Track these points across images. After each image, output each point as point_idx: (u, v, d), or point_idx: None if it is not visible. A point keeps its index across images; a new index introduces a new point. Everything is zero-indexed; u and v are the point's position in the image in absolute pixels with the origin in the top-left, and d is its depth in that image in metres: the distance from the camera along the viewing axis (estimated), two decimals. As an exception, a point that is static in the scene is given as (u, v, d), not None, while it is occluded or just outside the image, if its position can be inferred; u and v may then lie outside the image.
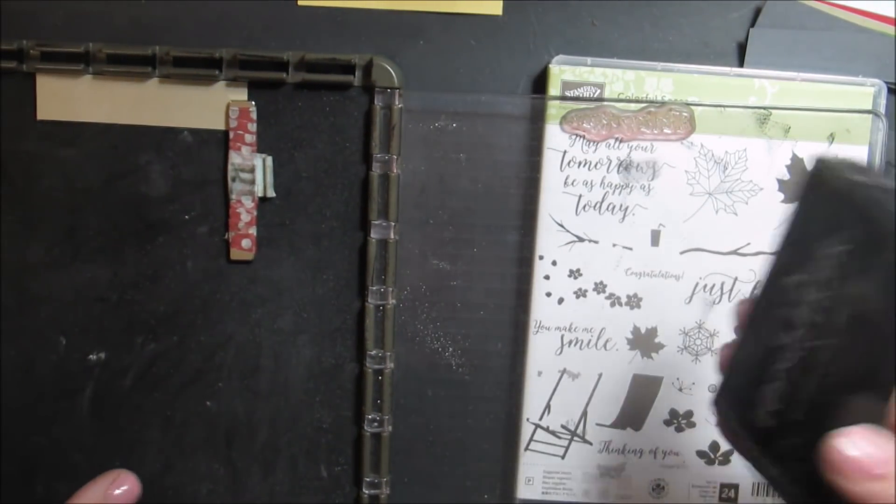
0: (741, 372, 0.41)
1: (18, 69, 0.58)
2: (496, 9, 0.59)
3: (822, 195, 0.37)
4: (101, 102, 0.59)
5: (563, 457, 0.63)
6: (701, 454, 0.63)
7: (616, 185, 0.60)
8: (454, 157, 0.60)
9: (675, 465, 0.63)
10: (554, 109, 0.59)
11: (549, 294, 0.61)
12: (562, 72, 0.58)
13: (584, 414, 0.63)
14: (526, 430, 0.63)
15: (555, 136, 0.59)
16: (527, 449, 0.63)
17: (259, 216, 0.60)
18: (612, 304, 0.61)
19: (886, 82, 0.58)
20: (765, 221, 0.60)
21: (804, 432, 0.37)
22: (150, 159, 0.60)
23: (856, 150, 0.59)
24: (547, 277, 0.61)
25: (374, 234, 0.60)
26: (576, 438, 0.63)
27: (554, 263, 0.61)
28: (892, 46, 0.58)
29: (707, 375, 0.62)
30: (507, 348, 0.62)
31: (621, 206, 0.60)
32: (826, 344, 0.36)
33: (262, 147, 0.60)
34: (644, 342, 0.62)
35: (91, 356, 0.61)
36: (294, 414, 0.63)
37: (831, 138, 0.59)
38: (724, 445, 0.63)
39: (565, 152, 0.59)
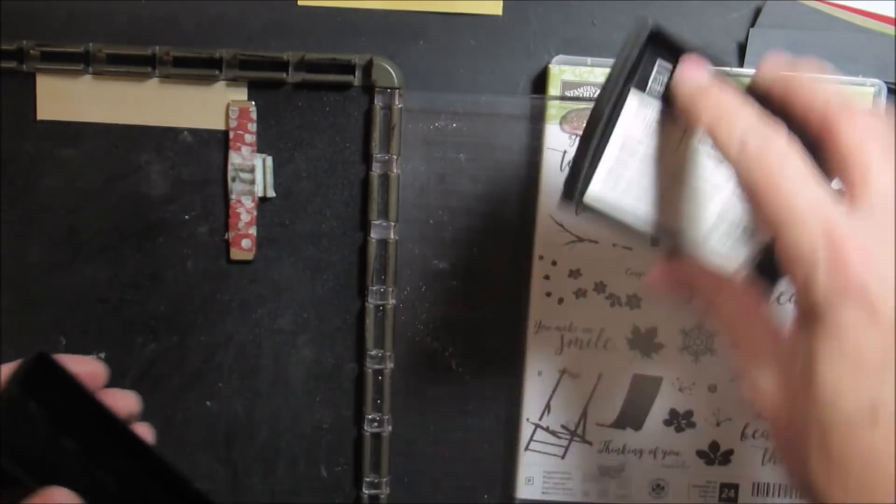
0: None
1: (18, 69, 0.58)
2: (496, 9, 0.59)
3: None
4: (101, 102, 0.59)
5: (562, 457, 0.63)
6: (701, 454, 0.63)
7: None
8: (454, 157, 0.60)
9: (675, 465, 0.63)
10: (554, 109, 0.59)
11: (549, 294, 0.61)
12: (562, 72, 0.58)
13: (584, 414, 0.63)
14: (526, 430, 0.63)
15: (555, 136, 0.59)
16: (527, 449, 0.63)
17: (259, 216, 0.60)
18: (612, 304, 0.61)
19: (886, 82, 0.58)
20: (765, 221, 0.60)
21: None
22: (150, 159, 0.60)
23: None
24: (547, 277, 0.61)
25: (373, 234, 0.60)
26: (576, 438, 0.63)
27: (554, 263, 0.61)
28: (892, 46, 0.58)
29: (707, 375, 0.62)
30: (507, 348, 0.62)
31: (621, 205, 0.60)
32: None
33: (262, 147, 0.60)
34: (644, 342, 0.62)
35: (91, 356, 0.61)
36: (294, 414, 0.63)
37: (831, 138, 0.59)
38: (725, 445, 0.63)
39: (565, 152, 0.59)
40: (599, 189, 0.46)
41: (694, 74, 0.44)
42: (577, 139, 0.50)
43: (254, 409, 0.63)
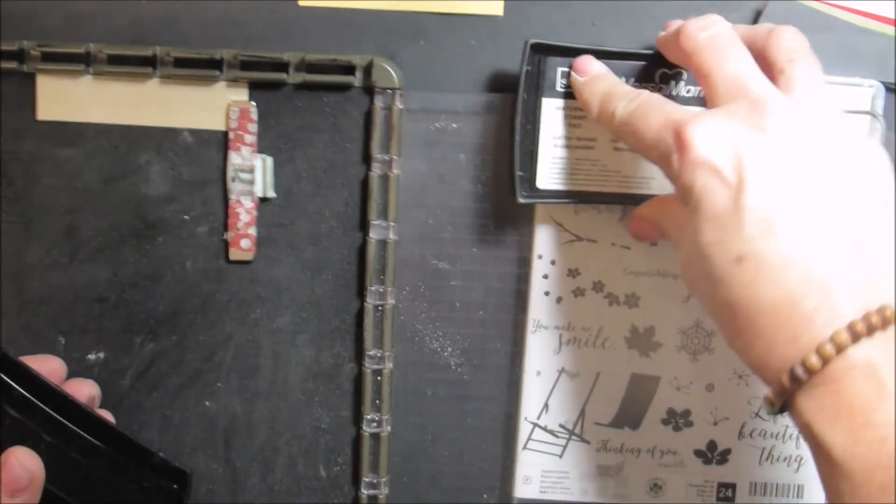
0: None
1: (18, 69, 0.58)
2: (496, 9, 0.59)
3: None
4: (101, 103, 0.59)
5: (560, 456, 0.63)
6: (699, 453, 0.63)
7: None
8: (454, 157, 0.60)
9: (673, 464, 0.63)
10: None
11: (547, 293, 0.61)
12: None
13: (583, 413, 0.63)
14: (524, 429, 0.63)
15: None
16: (525, 448, 0.63)
17: (259, 216, 0.60)
18: (611, 304, 0.62)
19: (885, 83, 0.58)
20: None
21: None
22: (151, 159, 0.60)
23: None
24: (545, 277, 0.61)
25: (373, 235, 0.60)
26: (574, 437, 0.63)
27: (552, 262, 0.61)
28: (891, 47, 0.59)
29: (705, 374, 0.62)
30: (506, 348, 0.62)
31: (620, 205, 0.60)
32: None
33: (262, 147, 0.60)
34: (642, 341, 0.62)
35: (90, 356, 0.61)
36: (293, 414, 0.63)
37: (829, 139, 0.59)
38: (722, 445, 0.63)
39: (565, 153, 0.60)
40: (542, 183, 0.58)
41: (577, 74, 0.56)
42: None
43: (253, 408, 0.63)
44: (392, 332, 0.61)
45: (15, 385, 0.52)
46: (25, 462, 0.50)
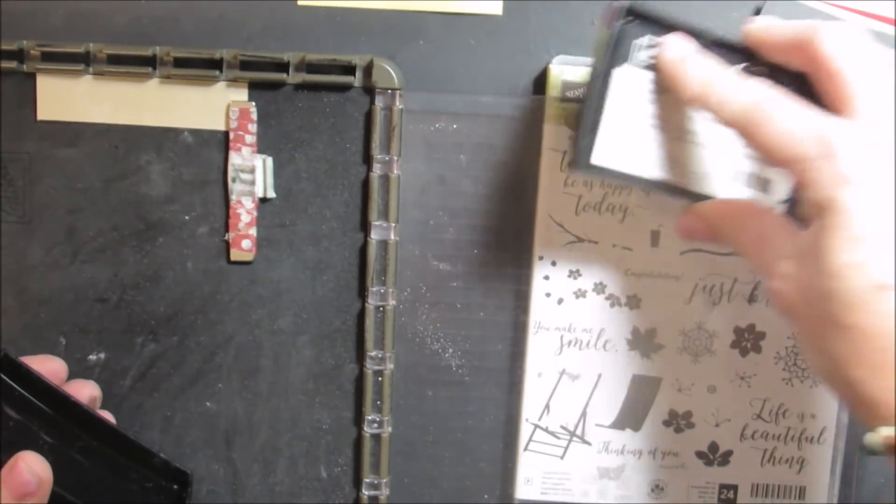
0: None
1: (18, 69, 0.58)
2: (496, 9, 0.59)
3: None
4: (101, 103, 0.59)
5: (562, 457, 0.63)
6: (700, 455, 0.63)
7: (616, 186, 0.60)
8: (454, 157, 0.60)
9: (674, 465, 0.63)
10: (554, 110, 0.59)
11: (548, 294, 0.61)
12: (562, 72, 0.58)
13: (584, 414, 0.63)
14: (525, 430, 0.63)
15: (554, 137, 0.59)
16: (526, 449, 0.63)
17: (259, 217, 0.60)
18: (612, 305, 0.61)
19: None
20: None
21: None
22: (151, 160, 0.60)
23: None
24: (546, 278, 0.61)
25: (374, 235, 0.60)
26: (575, 439, 0.63)
27: (553, 264, 0.61)
28: (892, 46, 0.58)
29: (707, 376, 0.62)
30: (507, 349, 0.62)
31: (621, 206, 0.60)
32: None
33: (262, 148, 0.60)
34: (643, 343, 0.62)
35: (91, 357, 0.61)
36: (294, 415, 0.63)
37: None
38: (724, 446, 0.63)
39: (565, 152, 0.59)
40: (602, 153, 0.53)
41: (673, 51, 0.51)
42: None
43: (254, 409, 0.63)
44: (393, 333, 0.61)
45: (16, 386, 0.52)
46: (34, 467, 0.50)
